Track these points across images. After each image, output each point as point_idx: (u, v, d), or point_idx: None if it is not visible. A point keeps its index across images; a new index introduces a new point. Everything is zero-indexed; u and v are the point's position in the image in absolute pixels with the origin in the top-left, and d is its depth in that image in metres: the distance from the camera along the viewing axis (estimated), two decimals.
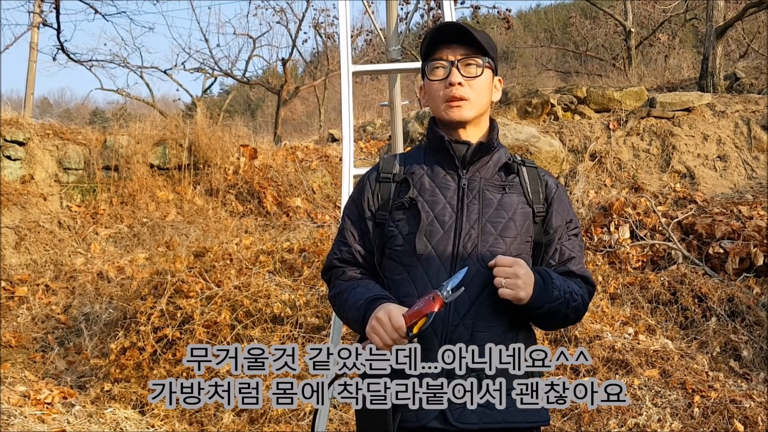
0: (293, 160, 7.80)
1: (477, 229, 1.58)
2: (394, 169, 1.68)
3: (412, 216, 1.60)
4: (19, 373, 4.49)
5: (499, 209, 1.61)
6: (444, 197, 1.61)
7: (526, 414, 1.52)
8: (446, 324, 1.53)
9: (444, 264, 1.56)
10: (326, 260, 1.75)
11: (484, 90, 1.65)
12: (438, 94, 1.64)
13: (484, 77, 1.64)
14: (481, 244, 1.57)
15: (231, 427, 3.81)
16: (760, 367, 4.41)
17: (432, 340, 1.52)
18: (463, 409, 1.49)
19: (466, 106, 1.61)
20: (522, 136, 7.30)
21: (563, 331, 4.50)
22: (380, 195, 1.67)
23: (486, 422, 1.50)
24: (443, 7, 2.66)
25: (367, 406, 1.51)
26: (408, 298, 1.55)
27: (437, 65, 1.63)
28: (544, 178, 1.71)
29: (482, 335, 1.53)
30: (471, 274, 1.54)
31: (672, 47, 16.81)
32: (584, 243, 5.89)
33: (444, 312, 1.51)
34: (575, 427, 3.71)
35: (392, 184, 1.67)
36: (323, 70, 16.54)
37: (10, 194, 6.65)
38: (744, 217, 5.81)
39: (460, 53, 1.62)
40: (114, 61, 14.94)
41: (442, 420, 1.50)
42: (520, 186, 1.66)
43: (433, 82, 1.65)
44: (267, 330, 4.33)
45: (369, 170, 1.76)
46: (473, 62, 1.62)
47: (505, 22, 14.15)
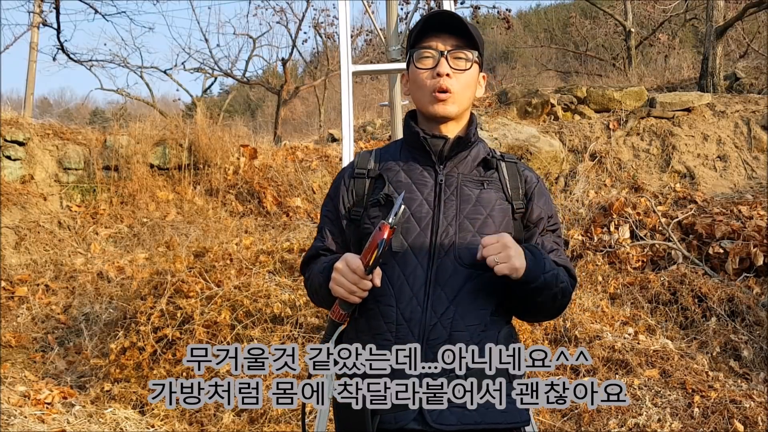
0: (293, 160, 7.80)
1: (455, 226, 1.55)
2: (368, 165, 1.65)
3: (388, 213, 1.56)
4: (19, 373, 4.49)
5: (478, 205, 1.57)
6: (421, 193, 1.58)
7: (505, 414, 1.48)
8: (423, 324, 1.50)
9: (421, 262, 1.53)
10: (304, 256, 1.74)
11: (470, 85, 1.61)
12: (425, 83, 1.59)
13: (472, 72, 1.60)
14: (458, 241, 1.54)
15: (231, 427, 3.81)
16: (760, 367, 4.42)
17: (408, 341, 1.49)
18: (441, 410, 1.47)
19: (451, 100, 1.57)
20: (522, 136, 7.30)
21: (563, 331, 4.50)
22: (355, 191, 1.64)
23: (464, 423, 1.47)
24: (443, 8, 2.67)
25: (346, 406, 1.49)
26: (384, 296, 1.52)
27: (426, 54, 1.59)
28: (524, 173, 1.67)
29: (460, 334, 1.50)
30: (449, 271, 1.52)
31: (672, 47, 16.82)
32: (586, 243, 5.92)
33: (421, 311, 1.50)
34: (575, 427, 3.71)
35: (366, 180, 1.63)
36: (323, 70, 16.53)
37: (10, 194, 6.65)
38: (744, 217, 5.81)
39: (450, 44, 1.58)
40: (114, 61, 14.95)
41: (420, 421, 1.47)
42: (499, 182, 1.63)
43: (420, 71, 1.59)
44: (267, 330, 4.33)
45: (345, 167, 1.74)
46: (463, 55, 1.58)
47: (505, 22, 14.15)
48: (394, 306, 1.52)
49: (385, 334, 1.51)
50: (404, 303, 1.51)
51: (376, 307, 1.54)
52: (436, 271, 1.52)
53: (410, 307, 1.51)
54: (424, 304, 1.51)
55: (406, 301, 1.52)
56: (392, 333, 1.51)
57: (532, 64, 21.33)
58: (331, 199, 1.70)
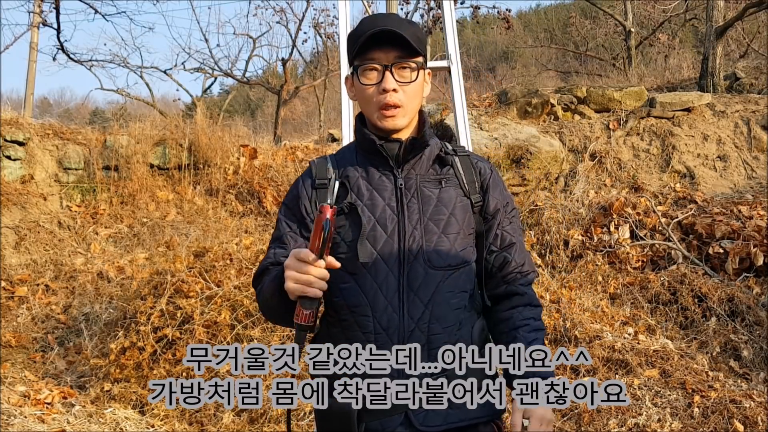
0: (293, 160, 7.80)
1: (420, 229, 1.55)
2: (328, 174, 1.62)
3: (353, 222, 1.55)
4: (19, 373, 4.49)
5: (439, 205, 1.57)
6: (383, 199, 1.57)
7: (484, 408, 1.52)
8: (401, 330, 1.50)
9: (391, 269, 1.52)
10: (255, 272, 1.65)
11: (418, 93, 1.59)
12: (372, 99, 1.56)
13: (419, 80, 1.58)
14: (425, 244, 1.54)
15: (231, 427, 3.81)
16: (760, 367, 4.41)
17: (387, 345, 1.50)
18: (426, 412, 1.48)
19: (400, 113, 1.56)
20: (522, 136, 7.30)
21: (563, 331, 4.50)
22: (318, 201, 1.61)
23: (450, 422, 1.50)
24: (443, 7, 2.67)
25: (330, 413, 1.50)
26: (359, 307, 1.52)
27: (370, 67, 1.55)
28: (478, 165, 1.67)
29: (438, 337, 1.52)
30: (420, 276, 1.53)
31: (672, 47, 16.81)
32: (586, 243, 5.92)
33: (398, 318, 1.50)
34: (575, 427, 3.71)
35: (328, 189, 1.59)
36: (323, 70, 16.54)
37: (10, 194, 6.65)
38: (744, 217, 5.81)
39: (393, 55, 1.54)
40: (114, 61, 14.98)
41: (407, 425, 1.48)
42: (456, 177, 1.62)
43: (365, 87, 1.56)
44: (267, 330, 4.33)
45: (301, 176, 1.69)
46: (407, 66, 1.55)
47: (505, 22, 14.16)
48: (370, 315, 1.52)
49: (364, 344, 1.50)
50: (380, 312, 1.51)
51: (351, 318, 1.53)
52: (407, 277, 1.53)
53: (386, 315, 1.51)
54: (400, 311, 1.51)
55: (381, 309, 1.51)
56: (371, 342, 1.50)
57: (532, 64, 21.34)
58: (290, 209, 1.65)
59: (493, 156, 6.93)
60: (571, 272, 5.60)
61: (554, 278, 5.44)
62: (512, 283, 1.65)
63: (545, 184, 7.14)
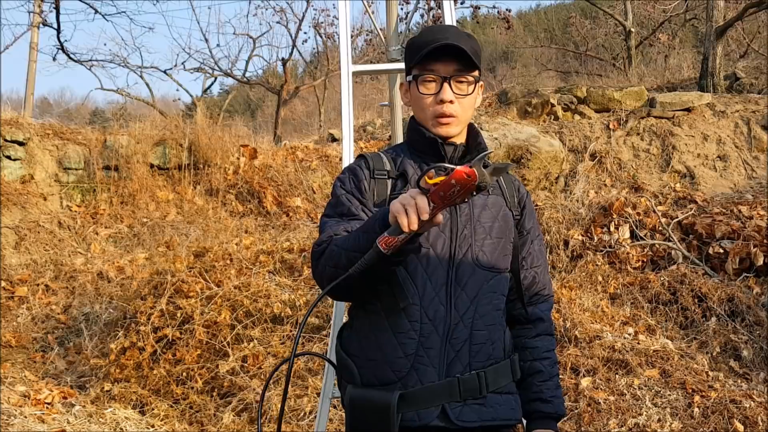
0: (293, 160, 7.80)
1: (470, 228, 1.61)
2: (386, 166, 1.67)
3: None
4: (19, 373, 4.49)
5: (487, 209, 1.64)
6: None
7: (514, 411, 1.62)
8: (447, 322, 1.55)
9: (442, 263, 1.57)
10: (317, 244, 1.58)
11: (472, 105, 1.67)
12: (428, 108, 1.63)
13: (474, 92, 1.65)
14: (474, 243, 1.60)
15: (231, 427, 3.80)
16: (760, 367, 4.41)
17: (433, 338, 1.54)
18: (462, 407, 1.53)
19: (454, 123, 1.63)
20: (522, 136, 7.30)
21: (563, 331, 4.50)
22: (377, 191, 1.65)
23: (484, 420, 1.56)
24: (443, 7, 2.66)
25: (367, 405, 1.53)
26: (407, 294, 1.56)
27: (429, 78, 1.62)
28: (515, 183, 1.76)
29: (481, 334, 1.58)
30: (468, 272, 1.58)
31: (672, 47, 16.80)
32: (586, 243, 5.91)
33: (444, 311, 1.55)
34: (575, 427, 3.71)
35: (388, 181, 1.65)
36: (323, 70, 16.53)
37: (10, 194, 6.65)
38: (744, 217, 5.81)
39: (452, 68, 1.60)
40: (114, 61, 14.95)
41: (443, 418, 1.53)
42: (500, 189, 1.70)
43: (423, 96, 1.63)
44: (267, 330, 4.34)
45: (357, 162, 1.70)
46: (465, 79, 1.62)
47: (505, 22, 14.14)
48: (418, 305, 1.55)
49: (409, 332, 1.54)
50: (427, 301, 1.55)
51: (396, 305, 1.57)
52: (456, 272, 1.58)
53: (433, 305, 1.55)
54: (447, 304, 1.56)
55: (429, 299, 1.55)
56: (416, 331, 1.54)
57: (532, 64, 21.32)
58: (352, 186, 1.64)
59: (493, 156, 6.92)
60: (571, 272, 5.60)
61: (554, 278, 5.44)
62: (536, 304, 1.74)
63: (545, 184, 7.15)
